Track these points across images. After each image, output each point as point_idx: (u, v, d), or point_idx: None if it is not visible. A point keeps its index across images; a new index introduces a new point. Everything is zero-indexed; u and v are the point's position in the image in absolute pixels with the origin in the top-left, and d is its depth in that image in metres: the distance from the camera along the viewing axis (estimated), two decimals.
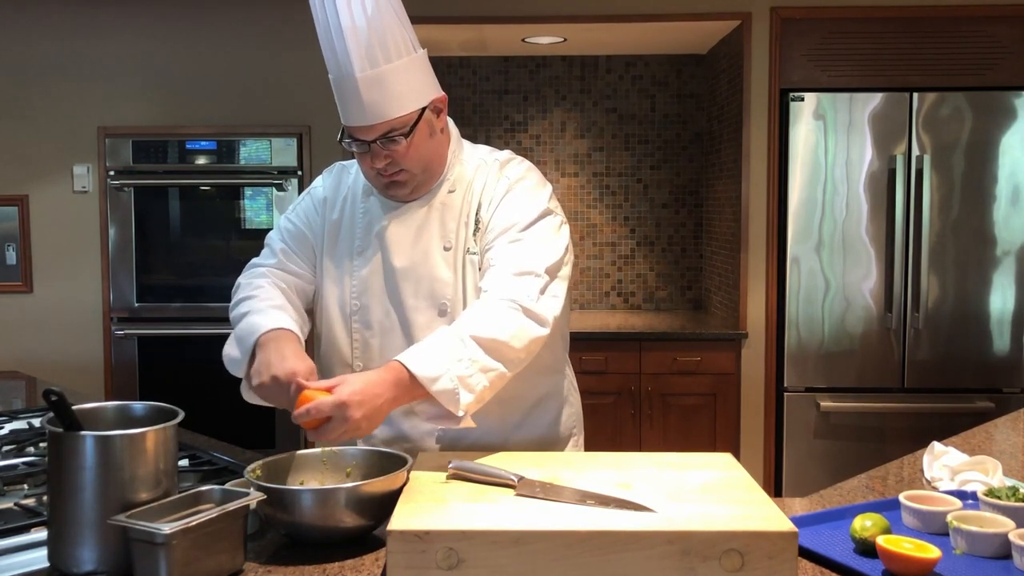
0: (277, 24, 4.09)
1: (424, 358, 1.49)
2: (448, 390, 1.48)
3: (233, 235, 4.14)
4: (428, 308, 1.70)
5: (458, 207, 1.74)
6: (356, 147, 1.67)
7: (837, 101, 3.88)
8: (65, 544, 1.22)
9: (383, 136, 1.63)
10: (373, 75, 1.61)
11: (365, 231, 1.76)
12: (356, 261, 1.75)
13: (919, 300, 3.89)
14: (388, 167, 1.66)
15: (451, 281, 1.70)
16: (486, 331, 1.53)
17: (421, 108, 1.66)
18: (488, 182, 1.75)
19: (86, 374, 4.10)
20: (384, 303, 1.72)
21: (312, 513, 1.32)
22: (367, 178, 1.75)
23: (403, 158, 1.66)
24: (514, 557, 1.17)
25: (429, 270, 1.71)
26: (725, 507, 1.28)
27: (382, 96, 1.61)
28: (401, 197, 1.73)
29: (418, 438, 1.72)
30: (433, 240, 1.73)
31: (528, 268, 1.63)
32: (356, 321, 1.74)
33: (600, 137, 4.81)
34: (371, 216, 1.77)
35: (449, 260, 1.71)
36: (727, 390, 4.04)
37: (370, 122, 1.63)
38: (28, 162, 4.15)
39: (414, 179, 1.71)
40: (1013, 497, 1.42)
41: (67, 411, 1.21)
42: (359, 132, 1.65)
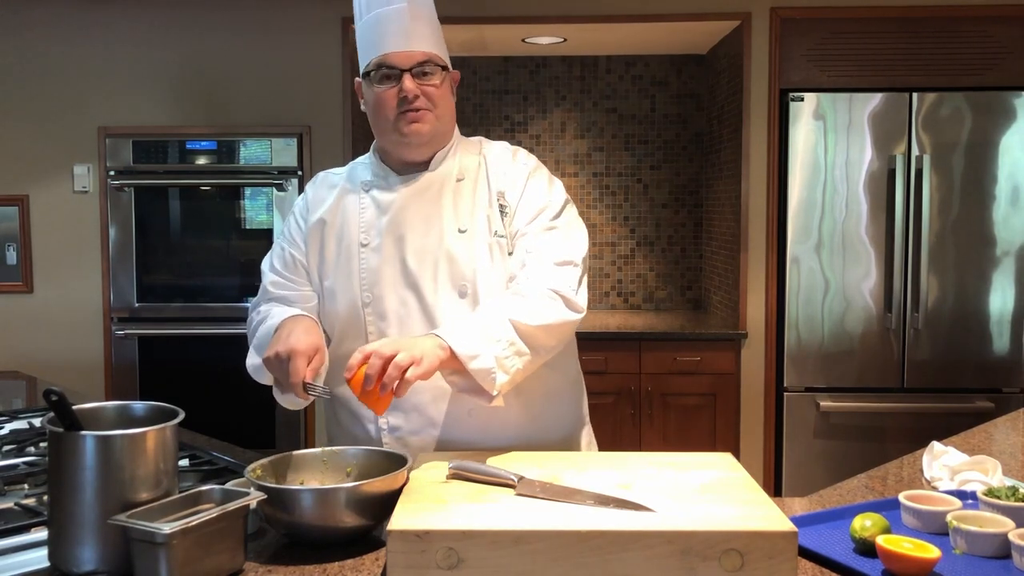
0: (278, 24, 4.09)
1: (464, 335, 1.51)
2: (485, 369, 1.50)
3: (233, 235, 4.14)
4: (449, 291, 1.70)
5: (471, 192, 1.75)
6: (385, 82, 1.68)
7: (837, 101, 3.88)
8: (65, 544, 1.22)
9: (419, 65, 1.68)
10: (416, 8, 1.69)
11: (369, 225, 1.75)
12: (364, 254, 1.74)
13: (919, 300, 3.89)
14: (416, 101, 1.68)
15: (469, 263, 1.70)
16: (527, 318, 1.57)
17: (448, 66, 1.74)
18: (506, 169, 1.77)
19: (86, 374, 4.10)
20: (399, 292, 1.71)
21: (312, 513, 1.32)
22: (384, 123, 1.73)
23: (433, 94, 1.69)
24: (514, 557, 1.17)
25: (446, 253, 1.70)
26: (725, 507, 1.28)
27: (424, 28, 1.69)
28: (420, 137, 1.72)
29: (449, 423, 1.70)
30: (447, 224, 1.72)
31: (568, 258, 1.69)
32: (370, 314, 1.72)
33: (600, 137, 4.81)
34: (373, 209, 1.76)
35: (466, 242, 1.71)
36: (727, 390, 4.04)
37: (412, 48, 1.67)
38: (28, 162, 4.15)
39: (434, 122, 1.72)
40: (1013, 497, 1.42)
41: (67, 411, 1.21)
42: (397, 58, 1.67)
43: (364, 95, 1.77)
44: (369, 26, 1.71)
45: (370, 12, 1.70)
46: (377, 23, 1.69)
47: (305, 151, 4.08)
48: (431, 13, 1.74)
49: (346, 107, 4.07)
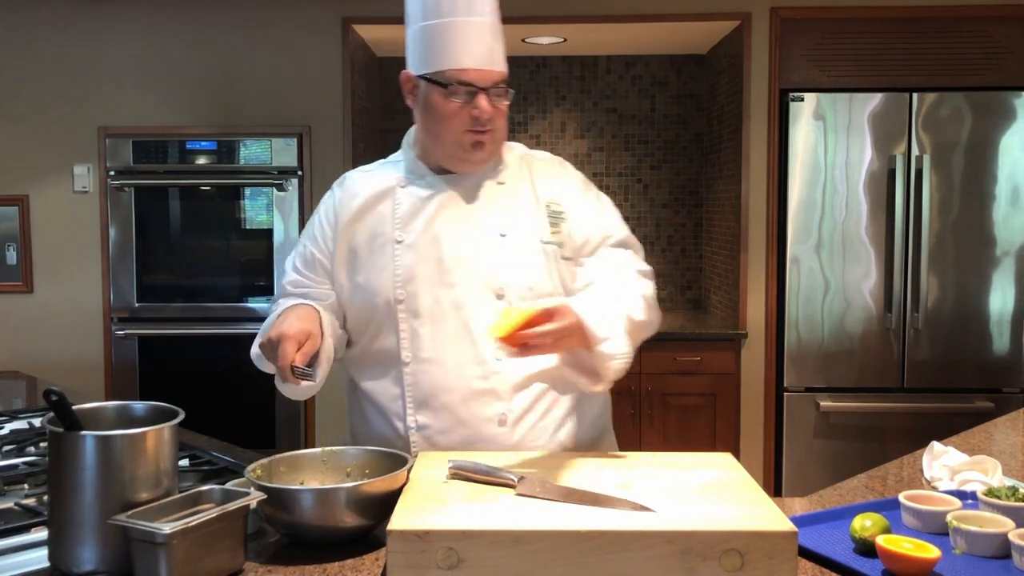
0: (277, 24, 4.09)
1: (598, 315, 1.54)
2: (611, 354, 1.53)
3: (233, 235, 4.14)
4: (485, 292, 1.69)
5: (513, 198, 1.75)
6: (459, 97, 1.65)
7: (837, 101, 3.88)
8: (65, 544, 1.22)
9: (495, 85, 1.67)
10: (495, 24, 1.68)
11: (405, 222, 1.73)
12: (398, 250, 1.72)
13: (919, 300, 3.89)
14: (488, 122, 1.67)
15: (510, 267, 1.69)
16: (636, 313, 1.63)
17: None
18: (556, 179, 1.80)
19: (86, 374, 4.10)
20: (434, 290, 1.70)
21: (312, 513, 1.32)
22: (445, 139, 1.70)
23: (499, 116, 1.70)
24: (514, 557, 1.17)
25: (485, 256, 1.70)
26: (725, 507, 1.28)
27: (500, 47, 1.69)
28: (477, 162, 1.72)
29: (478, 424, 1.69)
30: (486, 228, 1.72)
31: (647, 271, 1.79)
32: (402, 310, 1.71)
33: (600, 137, 4.81)
34: (409, 207, 1.74)
35: (506, 247, 1.71)
36: (727, 390, 4.04)
37: (492, 67, 1.67)
38: (28, 162, 4.15)
39: (495, 144, 1.72)
40: (1013, 497, 1.42)
41: (67, 411, 1.21)
42: (476, 76, 1.65)
43: (419, 96, 1.72)
44: (443, 31, 1.65)
45: (444, 17, 1.65)
46: (454, 32, 1.65)
47: (305, 151, 4.08)
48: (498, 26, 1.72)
49: (346, 107, 4.07)
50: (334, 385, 1.70)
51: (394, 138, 5.44)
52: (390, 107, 4.72)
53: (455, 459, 1.45)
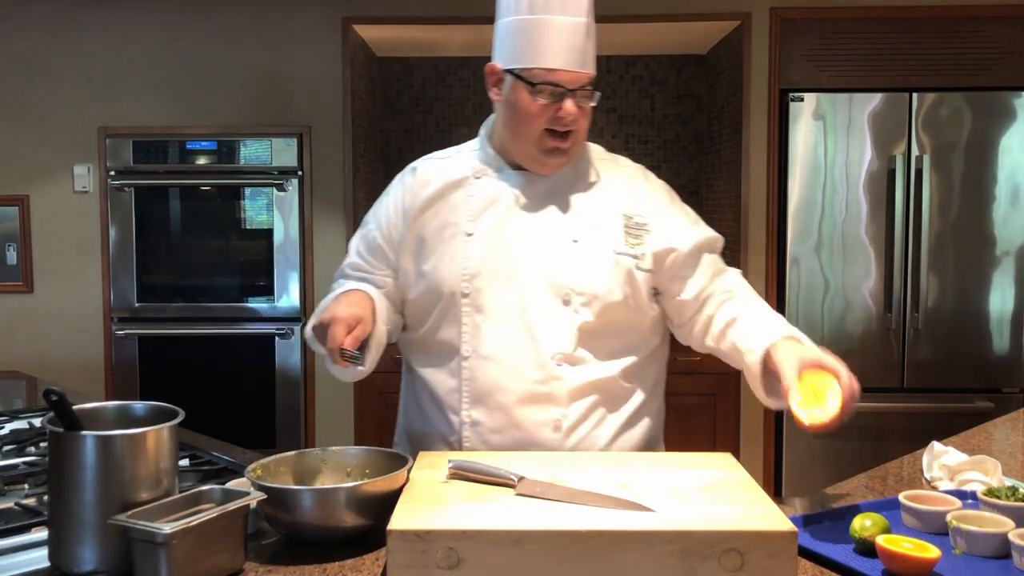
0: (277, 24, 4.09)
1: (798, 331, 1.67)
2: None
3: (233, 235, 4.14)
4: (551, 297, 1.67)
5: (591, 203, 1.73)
6: (545, 96, 1.62)
7: (837, 101, 3.88)
8: (65, 544, 1.23)
9: (582, 88, 1.63)
10: (590, 24, 1.64)
11: (477, 215, 1.72)
12: (467, 245, 1.70)
13: (919, 300, 3.89)
14: (571, 123, 1.64)
15: (579, 275, 1.67)
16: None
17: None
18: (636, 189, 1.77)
19: (86, 374, 4.10)
20: (500, 287, 1.68)
21: (312, 513, 1.32)
22: (526, 139, 1.67)
23: (584, 118, 1.66)
24: (514, 557, 1.17)
25: (556, 261, 1.68)
26: (725, 507, 1.28)
27: (592, 48, 1.65)
28: (555, 166, 1.70)
29: (533, 428, 1.68)
30: (560, 231, 1.70)
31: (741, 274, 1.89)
32: (467, 304, 1.69)
33: (600, 137, 4.78)
34: (482, 199, 1.72)
35: (578, 254, 1.69)
36: (727, 390, 4.03)
37: (583, 69, 1.62)
38: (28, 162, 4.15)
39: (576, 147, 1.70)
40: (1013, 497, 1.42)
41: (67, 411, 1.21)
42: (565, 77, 1.61)
43: (504, 91, 1.68)
44: (535, 28, 1.62)
45: (537, 13, 1.62)
46: (547, 30, 1.61)
47: (305, 151, 4.08)
48: (595, 28, 1.68)
49: (346, 107, 4.07)
50: (334, 385, 1.70)
51: (394, 138, 5.45)
52: (390, 107, 4.72)
53: (455, 459, 1.45)
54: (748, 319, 1.70)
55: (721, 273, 1.81)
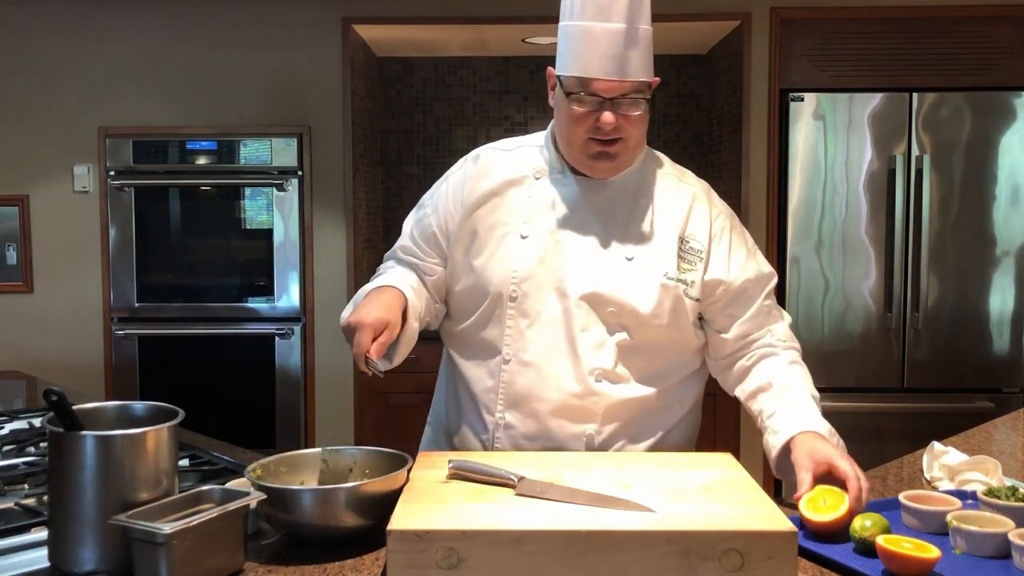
0: (277, 24, 4.09)
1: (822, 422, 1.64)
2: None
3: (233, 235, 4.14)
4: (595, 311, 1.64)
5: (649, 218, 1.68)
6: (584, 104, 1.58)
7: (837, 101, 3.88)
8: (65, 544, 1.22)
9: (624, 96, 1.59)
10: (634, 30, 1.60)
11: (532, 217, 1.68)
12: (519, 247, 1.67)
13: (919, 300, 3.89)
14: (615, 131, 1.59)
15: (629, 293, 1.64)
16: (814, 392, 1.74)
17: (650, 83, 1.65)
18: (699, 211, 1.72)
19: (86, 374, 4.10)
20: (547, 295, 1.65)
21: (312, 513, 1.32)
22: (572, 145, 1.64)
23: (631, 125, 1.61)
24: (514, 557, 1.17)
25: (606, 276, 1.64)
26: (725, 507, 1.28)
27: (637, 54, 1.61)
28: (604, 171, 1.66)
29: (564, 439, 1.67)
30: (615, 246, 1.66)
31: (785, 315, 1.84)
32: (512, 307, 1.67)
33: None
34: (539, 203, 1.69)
35: (630, 272, 1.65)
36: None
37: (624, 77, 1.59)
38: (28, 162, 4.15)
39: (625, 154, 1.64)
40: (1013, 497, 1.42)
41: (67, 411, 1.21)
42: (602, 86, 1.58)
43: (556, 94, 1.66)
44: (577, 34, 1.59)
45: (578, 19, 1.59)
46: (587, 36, 1.58)
47: (305, 151, 4.08)
48: (648, 32, 1.65)
49: (346, 107, 4.07)
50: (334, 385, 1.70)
51: (394, 138, 5.44)
52: (390, 107, 4.72)
53: (455, 459, 1.45)
54: (781, 391, 1.70)
55: (769, 320, 1.77)
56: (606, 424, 1.67)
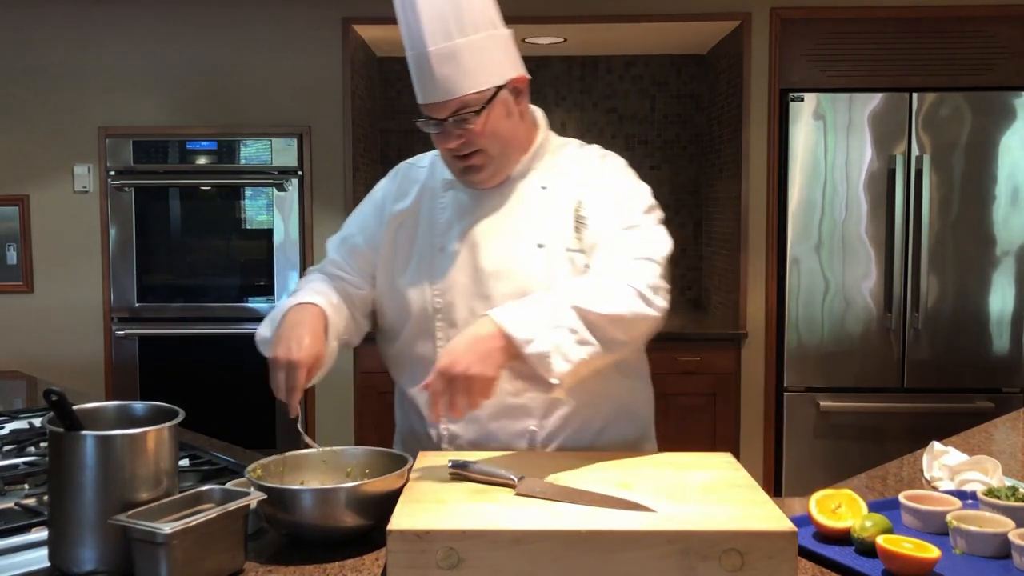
0: (277, 24, 4.09)
1: (519, 317, 1.45)
2: (541, 353, 1.43)
3: (233, 235, 4.14)
4: None
5: (554, 203, 1.68)
6: (431, 127, 1.62)
7: (837, 101, 3.88)
8: (65, 544, 1.23)
9: (454, 114, 1.58)
10: (446, 48, 1.56)
11: (446, 228, 1.70)
12: (438, 258, 1.69)
13: (919, 300, 3.89)
14: (462, 147, 1.60)
15: (544, 280, 1.64)
16: (593, 305, 1.48)
17: (497, 87, 1.60)
18: (589, 176, 1.69)
19: (86, 374, 4.10)
20: (471, 302, 1.66)
21: (312, 513, 1.32)
22: (446, 163, 1.69)
23: (477, 137, 1.60)
24: (514, 557, 1.17)
25: (521, 268, 1.65)
26: (725, 507, 1.28)
27: (455, 71, 1.57)
28: (479, 183, 1.67)
29: (508, 439, 1.67)
30: (524, 237, 1.67)
31: (648, 255, 1.59)
32: (440, 319, 1.68)
33: (600, 137, 4.81)
34: (451, 212, 1.71)
35: (542, 258, 1.65)
36: (727, 390, 4.04)
37: (441, 98, 1.58)
38: (28, 162, 4.15)
39: (491, 162, 1.64)
40: (1013, 497, 1.42)
41: (68, 411, 1.21)
42: (432, 110, 1.60)
43: None
44: (411, 63, 1.62)
45: (407, 49, 1.61)
46: (414, 65, 1.61)
47: (305, 151, 4.08)
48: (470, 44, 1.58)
49: (346, 107, 4.07)
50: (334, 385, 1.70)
51: (394, 138, 5.45)
52: (390, 107, 4.72)
53: (455, 459, 1.45)
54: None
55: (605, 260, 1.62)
56: (547, 417, 1.67)
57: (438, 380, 1.39)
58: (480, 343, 1.42)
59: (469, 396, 1.41)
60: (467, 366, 1.39)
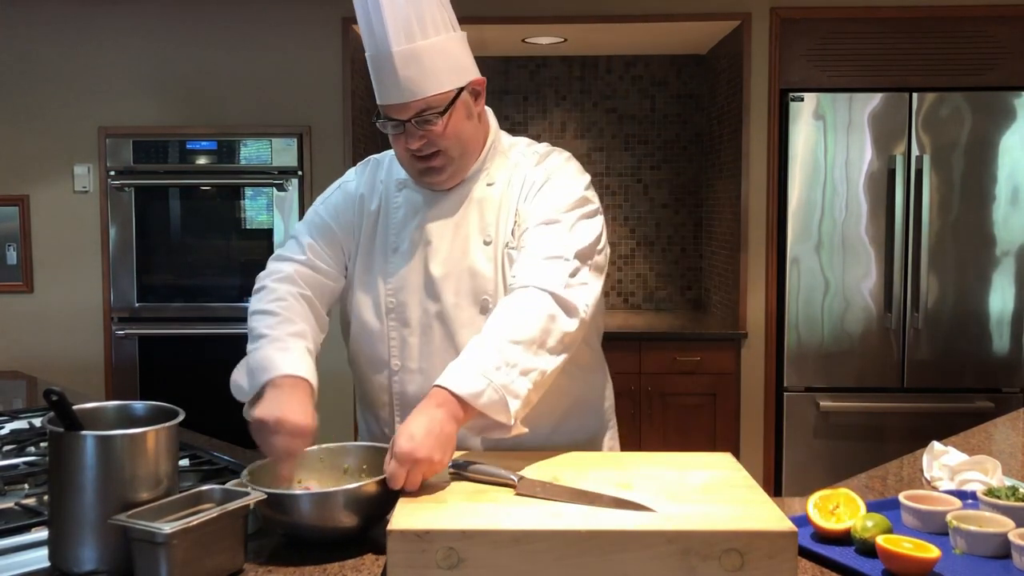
0: (277, 24, 4.09)
1: (463, 375, 1.43)
2: (495, 401, 1.42)
3: (233, 235, 4.14)
4: (470, 305, 1.66)
5: (497, 200, 1.69)
6: (391, 128, 1.62)
7: (837, 101, 3.88)
8: (66, 544, 1.22)
9: (417, 115, 1.58)
10: (409, 50, 1.56)
11: (400, 227, 1.71)
12: (391, 258, 1.70)
13: (919, 300, 3.89)
14: (423, 148, 1.61)
15: (492, 277, 1.65)
16: (519, 331, 1.47)
17: (458, 88, 1.61)
18: (528, 175, 1.70)
19: (86, 374, 4.10)
20: (423, 301, 1.67)
21: (310, 515, 1.32)
22: (402, 164, 1.69)
23: (440, 138, 1.60)
24: (514, 557, 1.17)
25: (469, 266, 1.66)
26: (725, 507, 1.28)
27: (418, 72, 1.57)
28: (438, 184, 1.68)
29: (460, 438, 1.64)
30: (472, 235, 1.68)
31: (557, 252, 1.58)
32: (393, 319, 1.69)
33: (600, 137, 4.81)
34: (405, 211, 1.72)
35: (489, 255, 1.66)
36: (727, 390, 4.04)
37: (405, 99, 1.57)
38: (28, 162, 4.15)
39: (451, 163, 1.65)
40: (1013, 497, 1.42)
41: (68, 411, 1.21)
42: (394, 111, 1.60)
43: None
44: (371, 64, 1.63)
45: (368, 50, 1.62)
46: (372, 64, 1.61)
47: (305, 151, 4.08)
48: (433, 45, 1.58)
49: (346, 107, 4.07)
50: (334, 385, 1.70)
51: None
52: None
53: (455, 459, 1.45)
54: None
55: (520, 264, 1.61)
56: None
57: (400, 467, 1.34)
58: (435, 425, 1.38)
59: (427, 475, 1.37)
60: (428, 452, 1.35)
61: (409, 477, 1.34)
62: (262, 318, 1.68)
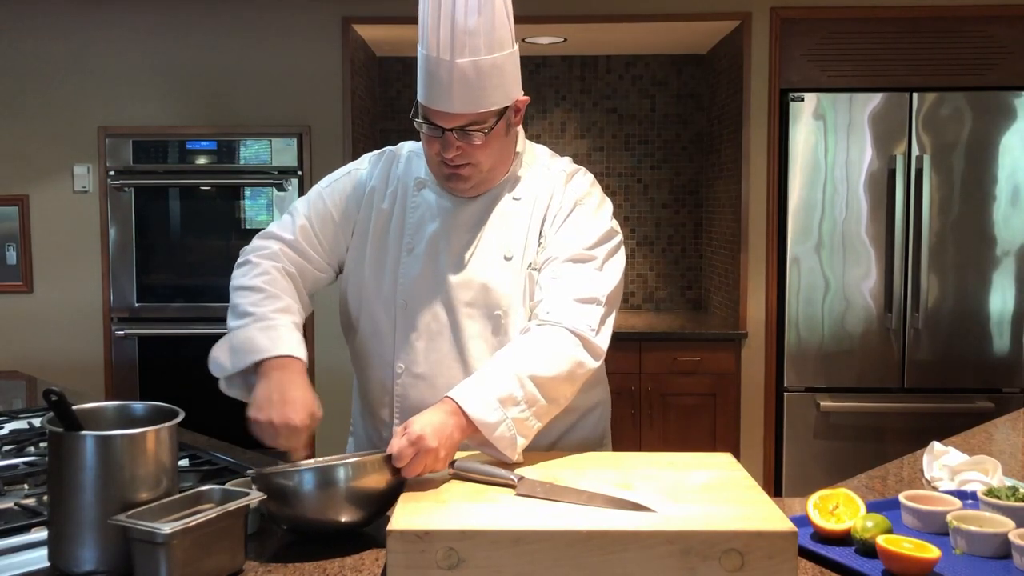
0: (277, 24, 4.09)
1: (481, 400, 1.44)
2: (506, 437, 1.45)
3: (233, 235, 4.14)
4: (482, 316, 1.65)
5: (524, 217, 1.67)
6: (428, 130, 1.59)
7: (837, 101, 3.88)
8: (65, 544, 1.22)
9: (461, 128, 1.56)
10: (472, 64, 1.53)
11: (416, 228, 1.69)
12: (405, 259, 1.68)
13: (919, 300, 3.89)
14: (457, 158, 1.59)
15: (508, 293, 1.64)
16: (544, 369, 1.50)
17: (505, 107, 1.59)
18: (554, 195, 1.68)
19: (86, 374, 4.10)
20: (434, 306, 1.65)
21: (313, 498, 1.31)
22: (430, 166, 1.67)
23: (476, 152, 1.59)
24: (514, 557, 1.17)
25: (487, 279, 1.64)
26: (725, 507, 1.28)
27: (475, 87, 1.54)
28: (461, 191, 1.66)
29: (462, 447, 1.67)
30: (493, 249, 1.66)
31: (591, 295, 1.59)
32: (401, 320, 1.67)
33: (600, 137, 4.81)
34: (423, 213, 1.69)
35: (508, 271, 1.65)
36: (727, 390, 4.04)
37: (456, 110, 1.55)
38: (28, 162, 4.15)
39: (479, 175, 1.63)
40: (1013, 497, 1.42)
41: (67, 411, 1.21)
42: (437, 116, 1.57)
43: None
44: (422, 61, 1.58)
45: (424, 49, 1.57)
46: (431, 67, 1.56)
47: (305, 151, 4.08)
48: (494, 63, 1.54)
49: (346, 107, 4.07)
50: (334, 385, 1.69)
51: (394, 138, 5.45)
52: (390, 107, 4.72)
53: (455, 459, 1.45)
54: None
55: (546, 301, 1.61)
56: None
57: (409, 446, 1.36)
58: (446, 427, 1.40)
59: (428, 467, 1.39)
60: (437, 444, 1.37)
61: (413, 461, 1.35)
62: (246, 294, 1.67)
